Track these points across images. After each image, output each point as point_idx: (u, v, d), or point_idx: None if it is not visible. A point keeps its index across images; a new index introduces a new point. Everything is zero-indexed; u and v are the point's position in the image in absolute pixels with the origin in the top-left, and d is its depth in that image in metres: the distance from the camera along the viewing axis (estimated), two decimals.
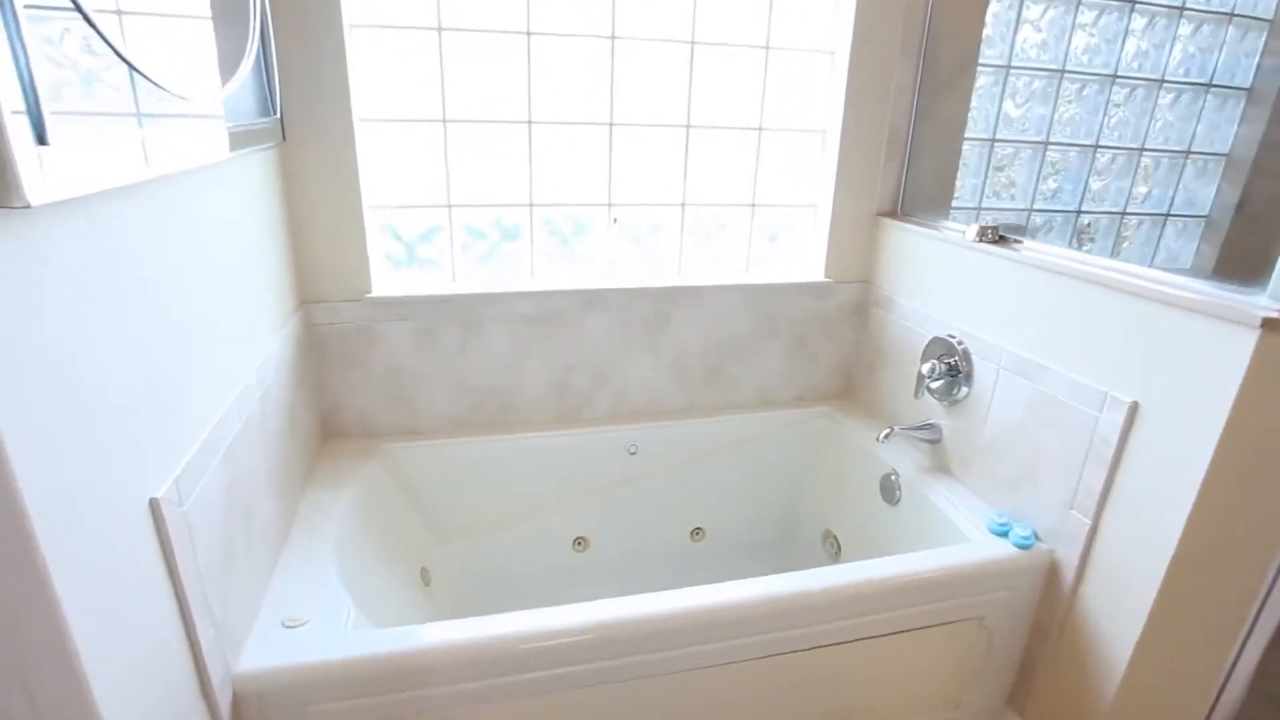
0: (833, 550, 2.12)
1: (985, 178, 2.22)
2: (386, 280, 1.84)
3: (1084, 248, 2.46)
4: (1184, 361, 1.20)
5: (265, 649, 1.12)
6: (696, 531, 2.17)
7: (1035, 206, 2.33)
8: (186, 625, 0.93)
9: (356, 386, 1.81)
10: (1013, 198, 2.29)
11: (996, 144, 2.16)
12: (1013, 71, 2.10)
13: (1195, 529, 1.21)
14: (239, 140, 1.25)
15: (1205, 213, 2.52)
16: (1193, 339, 1.19)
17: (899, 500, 1.85)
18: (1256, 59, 2.38)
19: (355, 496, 1.62)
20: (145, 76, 0.85)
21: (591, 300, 1.90)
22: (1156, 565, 1.26)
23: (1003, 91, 2.11)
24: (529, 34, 1.72)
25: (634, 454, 2.03)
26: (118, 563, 0.77)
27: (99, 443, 0.74)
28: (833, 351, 2.18)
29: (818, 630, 1.37)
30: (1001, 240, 1.64)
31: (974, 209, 2.22)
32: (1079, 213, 2.41)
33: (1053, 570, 1.48)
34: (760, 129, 1.98)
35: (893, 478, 1.88)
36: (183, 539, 0.91)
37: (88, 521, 0.71)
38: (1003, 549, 1.49)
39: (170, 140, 0.95)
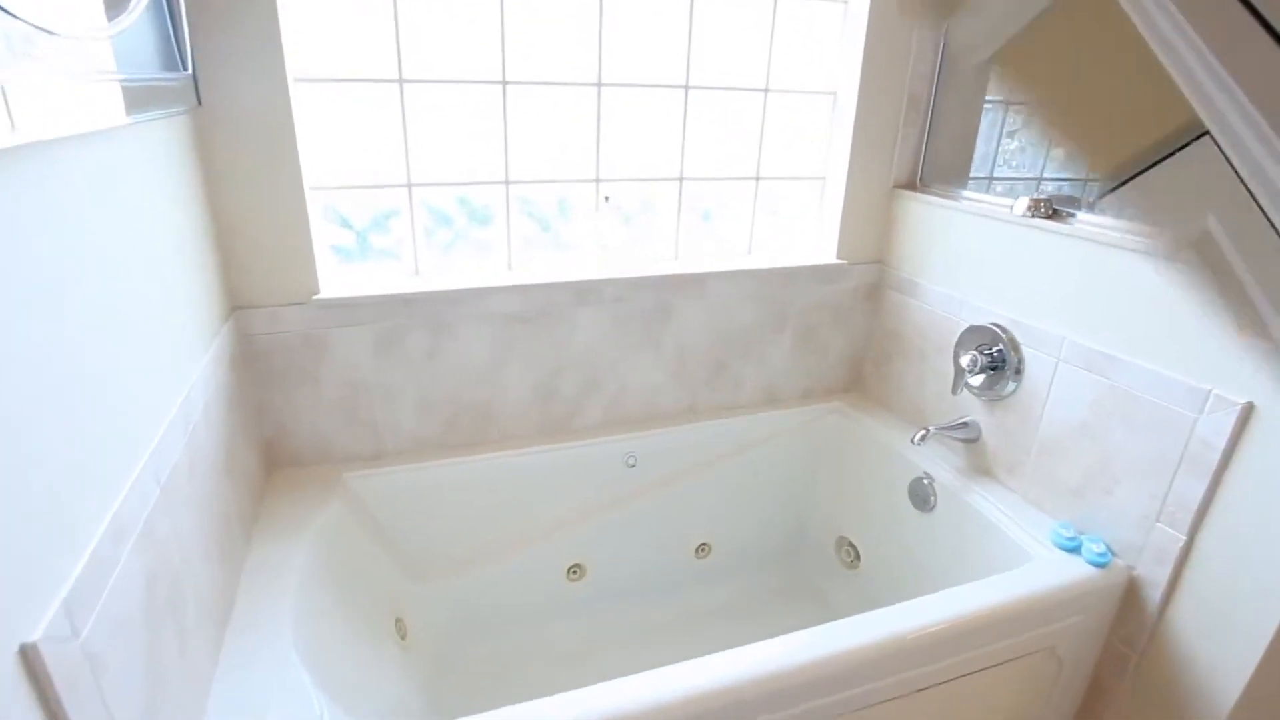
0: (849, 559, 1.93)
1: (998, 143, 2.03)
2: (336, 277, 1.53)
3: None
4: None
5: None
6: (702, 548, 1.94)
7: (1045, 175, 2.17)
8: None
9: (306, 407, 1.50)
10: (1021, 166, 2.12)
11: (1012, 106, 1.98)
12: None
13: None
14: (138, 100, 0.93)
15: None
16: None
17: (934, 507, 1.67)
18: None
19: (312, 545, 1.33)
20: None
21: (582, 293, 1.63)
22: (1276, 590, 1.09)
23: None
24: None
25: (632, 466, 1.78)
26: None
27: None
28: (843, 341, 1.97)
29: (869, 690, 1.15)
30: (1055, 214, 1.45)
31: (985, 179, 2.03)
32: (1087, 180, 2.26)
33: (1132, 590, 1.31)
34: (766, 90, 1.73)
35: (925, 481, 1.68)
36: (79, 686, 0.62)
37: None
38: (1076, 568, 1.31)
39: (38, 96, 0.64)
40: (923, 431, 1.63)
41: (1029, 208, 1.46)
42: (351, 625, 1.33)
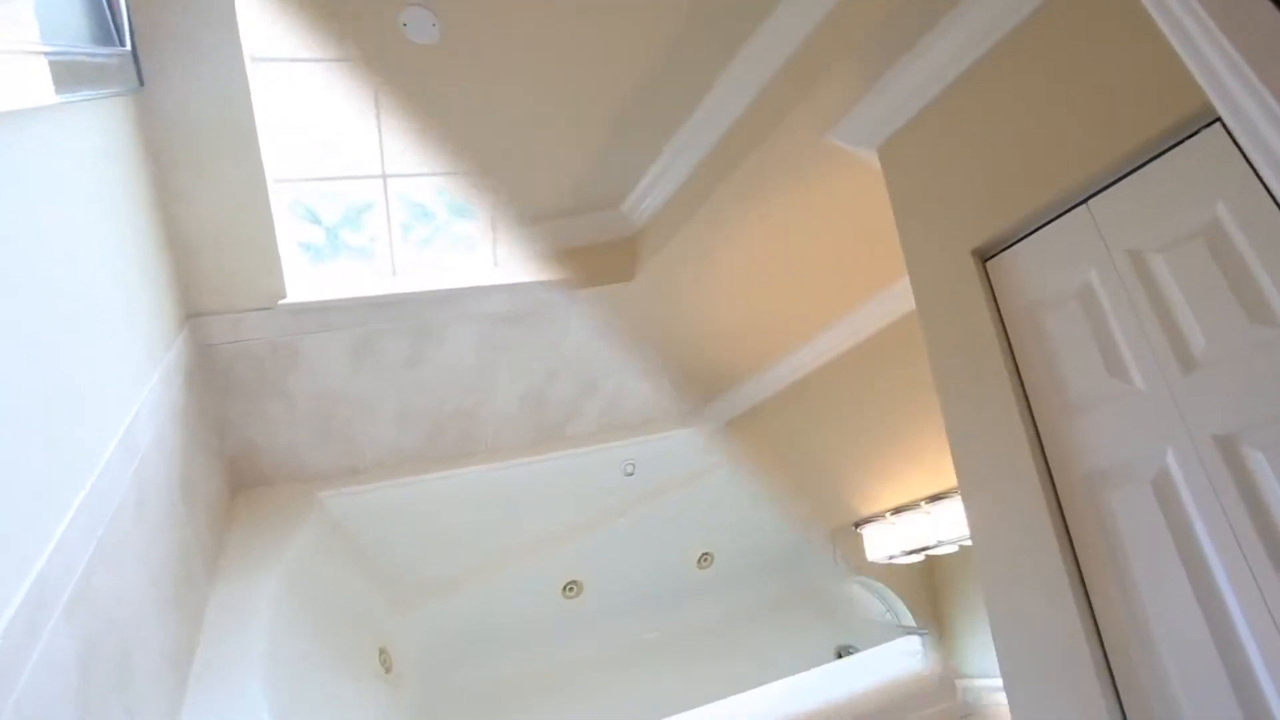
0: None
1: None
2: (305, 279, 1.39)
3: None
4: None
5: None
6: (704, 557, 1.84)
7: None
8: None
9: (276, 421, 1.37)
10: None
11: None
12: None
13: None
14: (69, 78, 0.79)
15: None
16: None
17: None
18: None
19: (284, 576, 1.20)
20: None
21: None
22: None
23: None
24: None
25: (630, 474, 1.67)
26: None
27: None
28: None
29: None
30: None
31: None
32: None
33: None
34: None
35: None
36: None
37: None
38: None
39: None
40: None
41: None
42: (331, 663, 1.21)
